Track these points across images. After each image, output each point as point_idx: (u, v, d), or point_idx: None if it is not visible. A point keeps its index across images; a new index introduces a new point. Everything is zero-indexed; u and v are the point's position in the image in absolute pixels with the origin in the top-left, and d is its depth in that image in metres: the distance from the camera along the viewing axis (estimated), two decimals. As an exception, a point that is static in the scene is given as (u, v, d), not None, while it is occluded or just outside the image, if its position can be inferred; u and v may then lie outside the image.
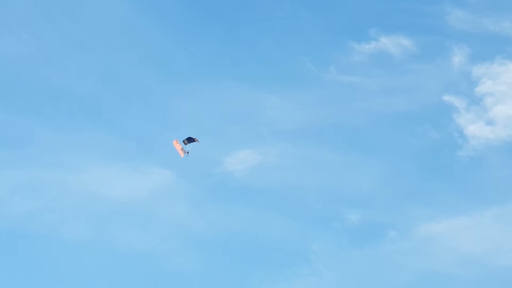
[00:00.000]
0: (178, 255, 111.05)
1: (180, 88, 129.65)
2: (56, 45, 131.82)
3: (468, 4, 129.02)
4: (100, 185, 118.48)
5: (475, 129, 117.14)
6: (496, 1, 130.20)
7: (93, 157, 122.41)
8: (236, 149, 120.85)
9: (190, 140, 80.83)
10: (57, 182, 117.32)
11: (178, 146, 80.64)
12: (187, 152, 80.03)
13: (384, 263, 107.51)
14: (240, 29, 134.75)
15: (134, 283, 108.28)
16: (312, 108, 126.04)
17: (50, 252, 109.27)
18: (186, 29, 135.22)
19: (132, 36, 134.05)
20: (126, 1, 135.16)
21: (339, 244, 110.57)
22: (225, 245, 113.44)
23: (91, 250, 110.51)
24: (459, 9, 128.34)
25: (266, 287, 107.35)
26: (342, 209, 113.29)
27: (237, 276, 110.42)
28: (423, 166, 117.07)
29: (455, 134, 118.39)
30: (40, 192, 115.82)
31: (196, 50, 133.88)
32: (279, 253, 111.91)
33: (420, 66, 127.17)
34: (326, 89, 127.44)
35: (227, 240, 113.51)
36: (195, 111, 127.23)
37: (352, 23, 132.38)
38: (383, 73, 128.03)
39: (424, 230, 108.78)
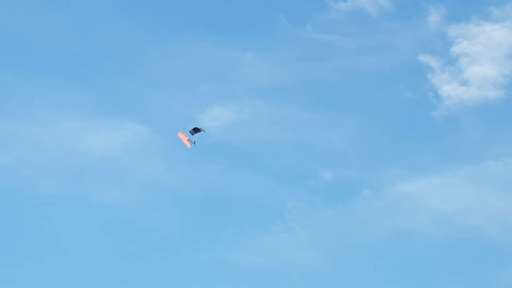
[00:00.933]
0: (152, 210, 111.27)
1: (156, 45, 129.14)
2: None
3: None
4: (75, 139, 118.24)
5: (449, 89, 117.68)
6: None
7: (67, 111, 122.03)
8: (210, 106, 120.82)
9: (196, 130, 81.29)
10: (31, 136, 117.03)
11: (184, 137, 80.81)
12: (194, 142, 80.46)
13: (357, 221, 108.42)
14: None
15: (107, 237, 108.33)
16: (287, 66, 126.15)
17: (24, 206, 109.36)
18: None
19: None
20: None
21: (312, 202, 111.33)
22: (199, 202, 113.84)
23: (65, 204, 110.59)
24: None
25: (239, 244, 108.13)
26: (316, 167, 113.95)
27: (210, 233, 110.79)
28: (398, 126, 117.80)
29: (430, 94, 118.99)
30: (14, 146, 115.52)
31: (171, 8, 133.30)
32: (253, 211, 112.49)
33: (396, 25, 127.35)
34: (301, 47, 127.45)
35: (201, 197, 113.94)
36: (170, 68, 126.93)
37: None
38: (359, 31, 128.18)
39: (397, 189, 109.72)
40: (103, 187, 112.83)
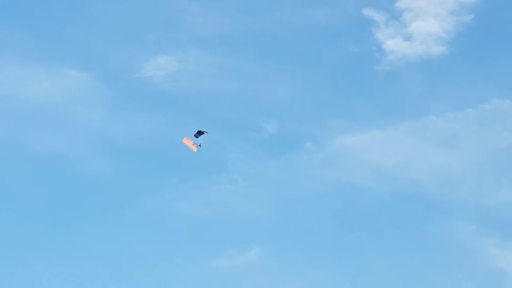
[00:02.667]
0: (94, 159, 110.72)
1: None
2: None
3: None
4: (16, 86, 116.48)
5: (393, 44, 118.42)
6: None
7: (7, 57, 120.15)
8: (155, 55, 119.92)
9: (200, 133, 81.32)
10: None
11: (189, 142, 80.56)
12: (199, 145, 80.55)
13: (299, 173, 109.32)
14: None
15: (48, 185, 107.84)
16: (233, 17, 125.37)
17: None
18: None
19: None
20: None
21: (255, 153, 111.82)
22: (142, 151, 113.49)
23: (4, 152, 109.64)
24: None
25: (182, 194, 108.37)
26: (260, 119, 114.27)
27: (153, 183, 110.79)
28: (341, 79, 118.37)
29: (374, 48, 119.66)
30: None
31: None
32: (196, 161, 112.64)
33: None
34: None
35: (144, 146, 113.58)
36: (115, 16, 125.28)
37: None
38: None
39: (339, 142, 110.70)
40: (44, 135, 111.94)
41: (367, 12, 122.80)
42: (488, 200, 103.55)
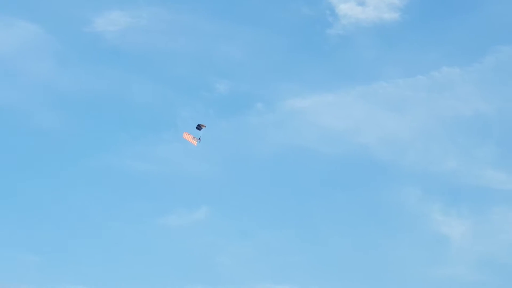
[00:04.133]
0: (42, 112, 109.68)
1: None
2: None
3: None
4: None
5: (346, 8, 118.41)
6: None
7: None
8: (107, 9, 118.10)
9: (199, 127, 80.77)
10: None
11: (189, 136, 79.96)
12: (199, 139, 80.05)
13: (250, 134, 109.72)
14: None
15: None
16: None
17: None
18: None
19: None
20: None
21: (206, 113, 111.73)
22: (92, 106, 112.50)
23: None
24: None
25: (131, 151, 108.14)
26: (212, 78, 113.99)
27: (102, 138, 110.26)
28: (294, 42, 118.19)
29: (327, 12, 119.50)
30: None
31: None
32: (146, 118, 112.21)
33: None
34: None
35: (94, 101, 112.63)
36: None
37: None
38: None
39: (290, 104, 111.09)
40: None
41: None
42: (435, 167, 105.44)
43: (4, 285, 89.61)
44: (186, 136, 78.62)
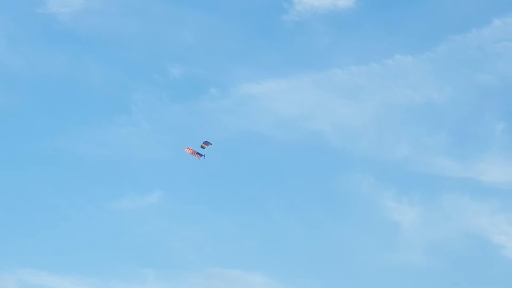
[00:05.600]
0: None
1: None
2: None
3: None
4: None
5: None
6: None
7: None
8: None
9: (205, 144, 79.81)
10: None
11: (192, 151, 78.92)
12: (204, 155, 79.15)
13: (203, 119, 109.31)
14: None
15: None
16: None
17: None
18: None
19: None
20: None
21: (160, 97, 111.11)
22: (44, 88, 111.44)
23: None
24: None
25: (83, 134, 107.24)
26: (165, 62, 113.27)
27: (53, 120, 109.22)
28: (248, 27, 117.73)
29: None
30: None
31: None
32: (99, 101, 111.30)
33: None
34: None
35: (46, 83, 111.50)
36: None
37: None
38: None
39: (244, 90, 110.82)
40: None
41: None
42: (387, 154, 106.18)
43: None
44: (189, 151, 77.99)
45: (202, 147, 76.32)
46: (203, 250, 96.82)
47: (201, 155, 76.94)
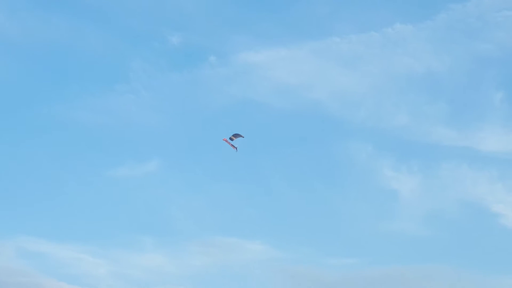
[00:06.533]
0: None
1: None
2: None
3: None
4: None
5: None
6: None
7: None
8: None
9: (236, 136, 79.44)
10: None
11: (228, 142, 78.53)
12: (236, 148, 78.61)
13: (202, 87, 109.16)
14: None
15: None
16: None
17: None
18: None
19: None
20: None
21: (158, 64, 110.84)
22: (42, 56, 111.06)
23: None
24: None
25: (82, 102, 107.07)
26: (164, 30, 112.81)
27: (52, 88, 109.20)
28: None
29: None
30: None
31: None
32: (98, 69, 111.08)
33: None
34: None
35: (44, 51, 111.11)
36: None
37: None
38: None
39: (243, 58, 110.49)
40: None
41: None
42: (386, 123, 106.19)
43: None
44: (226, 140, 77.77)
45: (231, 139, 76.27)
46: (202, 218, 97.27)
47: (235, 147, 77.00)
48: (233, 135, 76.29)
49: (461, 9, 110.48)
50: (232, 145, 76.59)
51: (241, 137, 75.36)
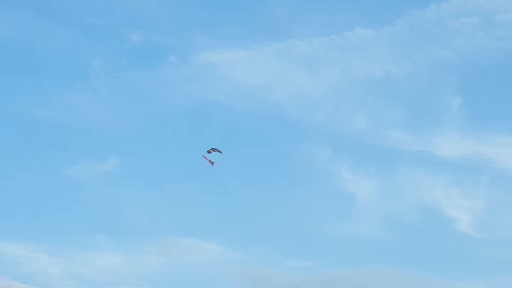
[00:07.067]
0: None
1: None
2: None
3: None
4: None
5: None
6: None
7: None
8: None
9: (214, 150, 78.56)
10: None
11: (206, 158, 77.56)
12: (213, 163, 77.65)
13: (162, 87, 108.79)
14: None
15: None
16: None
17: None
18: None
19: None
20: None
21: (118, 63, 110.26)
22: (0, 51, 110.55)
23: None
24: None
25: (40, 98, 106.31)
26: (124, 28, 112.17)
27: (9, 84, 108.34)
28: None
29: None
30: None
31: None
32: (56, 65, 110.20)
33: None
34: None
35: (2, 47, 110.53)
36: None
37: None
38: None
39: (204, 58, 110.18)
40: None
41: None
42: (345, 126, 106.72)
43: None
44: (205, 157, 77.19)
45: (209, 152, 75.86)
46: (159, 218, 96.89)
47: (212, 162, 76.56)
48: (211, 149, 75.82)
49: (421, 15, 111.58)
50: (210, 161, 76.08)
51: (219, 152, 74.89)
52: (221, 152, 73.87)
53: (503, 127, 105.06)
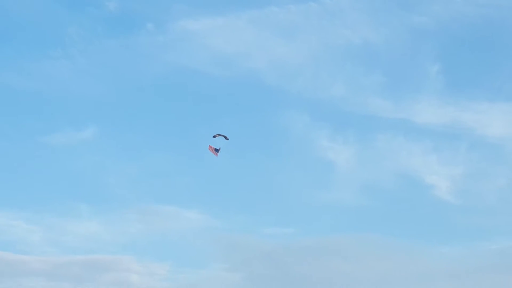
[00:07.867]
0: None
1: None
2: None
3: None
4: None
5: None
6: None
7: None
8: None
9: (219, 135, 77.08)
10: None
11: (212, 148, 76.07)
12: (219, 149, 76.14)
13: (139, 54, 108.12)
14: None
15: None
16: None
17: None
18: None
19: None
20: None
21: (95, 30, 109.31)
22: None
23: None
24: None
25: (16, 67, 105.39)
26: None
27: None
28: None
29: None
30: None
31: None
32: (32, 34, 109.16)
33: None
34: None
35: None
36: None
37: None
38: None
39: (181, 26, 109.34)
40: None
41: None
42: (323, 93, 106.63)
43: None
44: (210, 148, 76.34)
45: (214, 136, 75.15)
46: (138, 186, 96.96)
47: (217, 150, 75.67)
48: (217, 134, 75.11)
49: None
50: (215, 151, 75.15)
51: (225, 139, 74.27)
52: (228, 139, 73.13)
53: (481, 94, 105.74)
